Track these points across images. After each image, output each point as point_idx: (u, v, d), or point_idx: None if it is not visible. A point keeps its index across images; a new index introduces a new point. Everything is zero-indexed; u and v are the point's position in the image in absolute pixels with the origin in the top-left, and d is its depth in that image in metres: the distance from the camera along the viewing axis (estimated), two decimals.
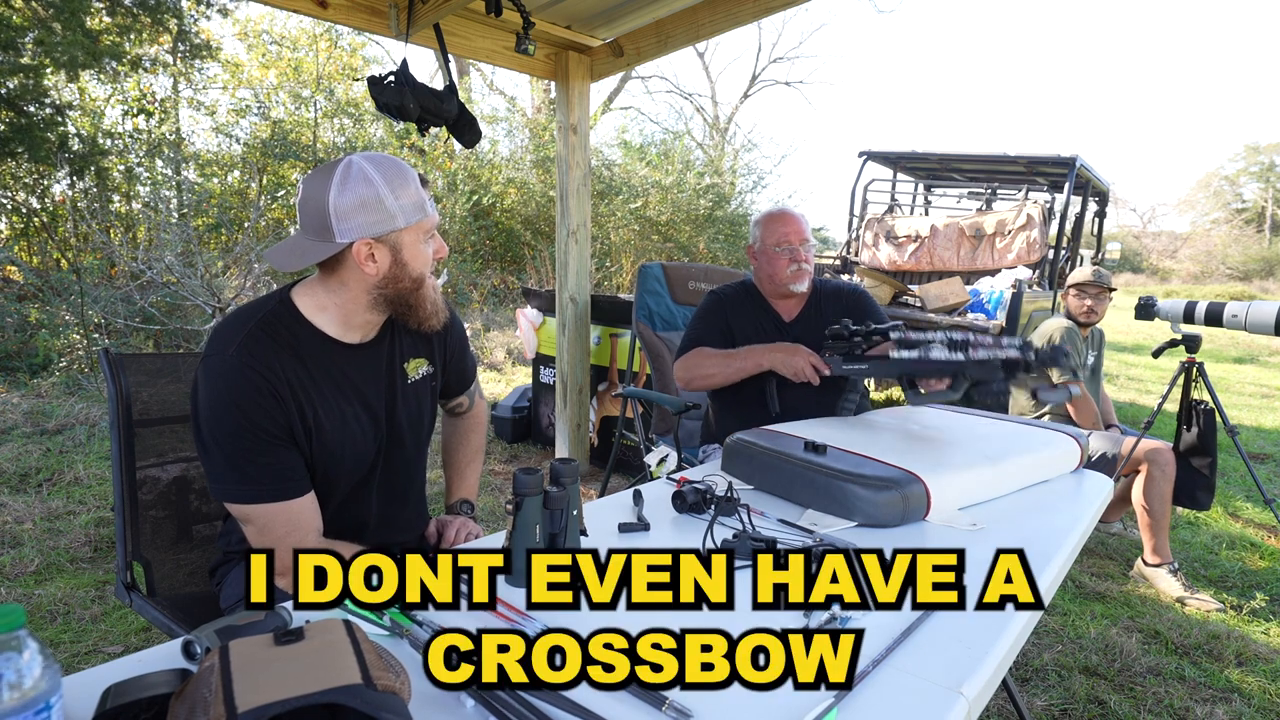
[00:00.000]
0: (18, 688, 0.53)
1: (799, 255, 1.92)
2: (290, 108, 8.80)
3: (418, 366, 1.25)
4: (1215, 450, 2.68)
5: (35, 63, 5.84)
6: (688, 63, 45.71)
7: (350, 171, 1.04)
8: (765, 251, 1.97)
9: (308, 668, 0.56)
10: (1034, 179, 6.17)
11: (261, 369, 1.04)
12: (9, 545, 2.59)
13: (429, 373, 1.28)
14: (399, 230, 1.06)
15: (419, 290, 1.12)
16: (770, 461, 1.31)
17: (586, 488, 3.42)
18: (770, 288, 2.00)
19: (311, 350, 1.10)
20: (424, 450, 1.32)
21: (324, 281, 1.11)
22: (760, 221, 2.02)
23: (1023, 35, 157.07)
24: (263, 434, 1.04)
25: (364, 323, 1.15)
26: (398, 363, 1.22)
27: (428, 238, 1.12)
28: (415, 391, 1.24)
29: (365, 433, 1.16)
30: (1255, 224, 33.57)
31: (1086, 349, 3.03)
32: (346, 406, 1.13)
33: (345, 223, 1.03)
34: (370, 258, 1.06)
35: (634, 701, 0.68)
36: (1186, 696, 1.91)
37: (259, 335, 1.06)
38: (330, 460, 1.13)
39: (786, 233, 1.94)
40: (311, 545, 1.08)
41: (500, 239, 10.18)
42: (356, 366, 1.15)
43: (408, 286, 1.11)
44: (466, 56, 3.31)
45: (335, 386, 1.12)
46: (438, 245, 1.15)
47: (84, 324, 5.20)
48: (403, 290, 1.11)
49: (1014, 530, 1.16)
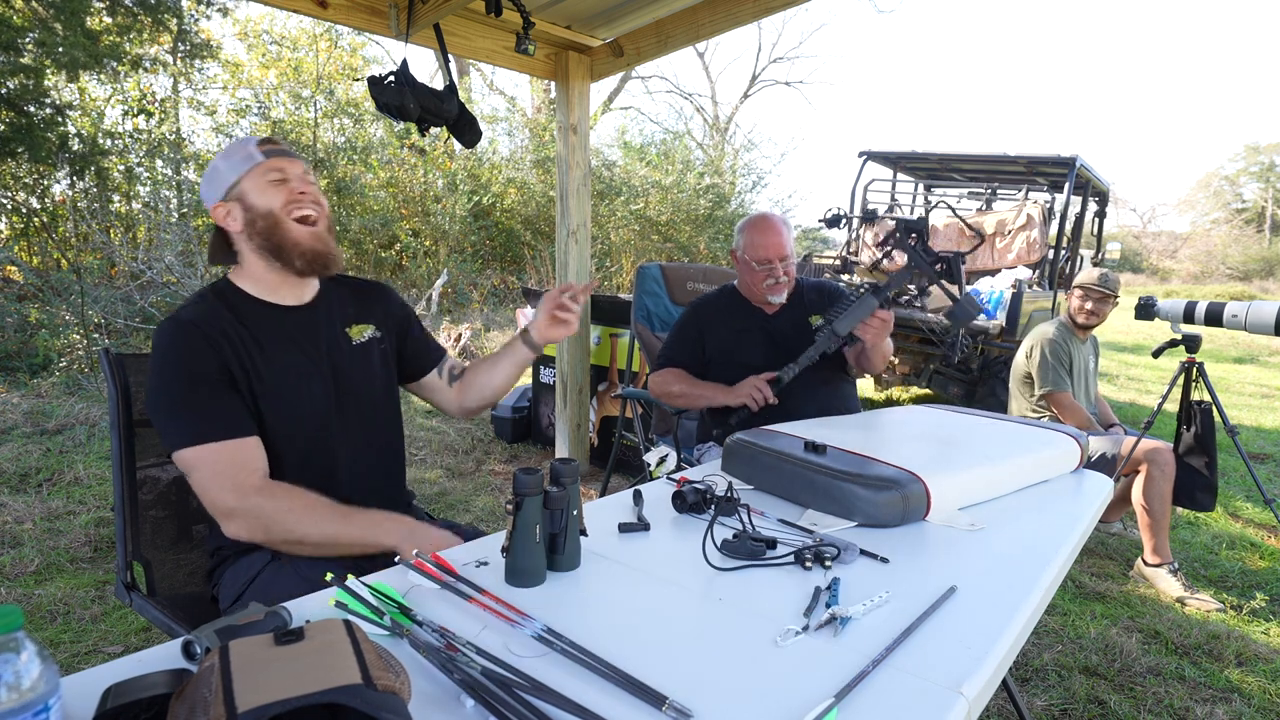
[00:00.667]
0: (16, 689, 0.53)
1: (776, 273, 1.97)
2: (290, 108, 8.80)
3: (361, 330, 1.34)
4: (1215, 450, 2.68)
5: (36, 63, 5.84)
6: (688, 63, 45.69)
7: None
8: (746, 263, 2.01)
9: (308, 668, 0.56)
10: (1034, 179, 6.17)
11: (200, 322, 1.15)
12: (9, 545, 2.59)
13: (376, 336, 1.35)
14: (234, 184, 1.19)
15: (279, 227, 1.19)
16: (770, 461, 1.30)
17: (586, 488, 3.42)
18: (748, 292, 2.08)
19: (251, 314, 1.21)
20: (384, 409, 1.36)
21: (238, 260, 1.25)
22: (743, 229, 2.04)
23: (1023, 35, 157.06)
24: (202, 379, 1.12)
25: (279, 282, 1.24)
26: (338, 325, 1.31)
27: (271, 180, 1.19)
28: (362, 352, 1.32)
29: (313, 384, 1.23)
30: (1255, 224, 33.56)
31: (1085, 352, 3.02)
32: (290, 360, 1.21)
33: (205, 200, 1.23)
34: (226, 217, 1.20)
35: (634, 701, 0.68)
36: (1186, 696, 1.91)
37: (201, 301, 1.19)
38: (284, 409, 1.19)
39: (767, 252, 1.96)
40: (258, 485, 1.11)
41: (500, 239, 10.18)
42: (294, 324, 1.25)
43: (264, 226, 1.19)
44: (466, 56, 3.31)
45: (278, 343, 1.21)
46: (293, 184, 1.21)
47: (84, 324, 5.20)
48: (263, 230, 1.19)
49: (1014, 530, 1.16)
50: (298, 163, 1.24)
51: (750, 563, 0.99)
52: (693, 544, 1.05)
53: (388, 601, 0.82)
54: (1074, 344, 2.95)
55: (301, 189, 1.21)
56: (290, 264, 1.21)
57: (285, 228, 1.19)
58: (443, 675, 0.70)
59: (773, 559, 1.00)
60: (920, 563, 1.01)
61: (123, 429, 1.30)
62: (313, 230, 1.22)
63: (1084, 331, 2.99)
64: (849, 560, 1.01)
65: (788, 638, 0.79)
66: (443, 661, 0.71)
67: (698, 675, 0.72)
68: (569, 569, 0.97)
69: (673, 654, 0.76)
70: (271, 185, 1.19)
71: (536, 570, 0.92)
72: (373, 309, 1.38)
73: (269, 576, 1.13)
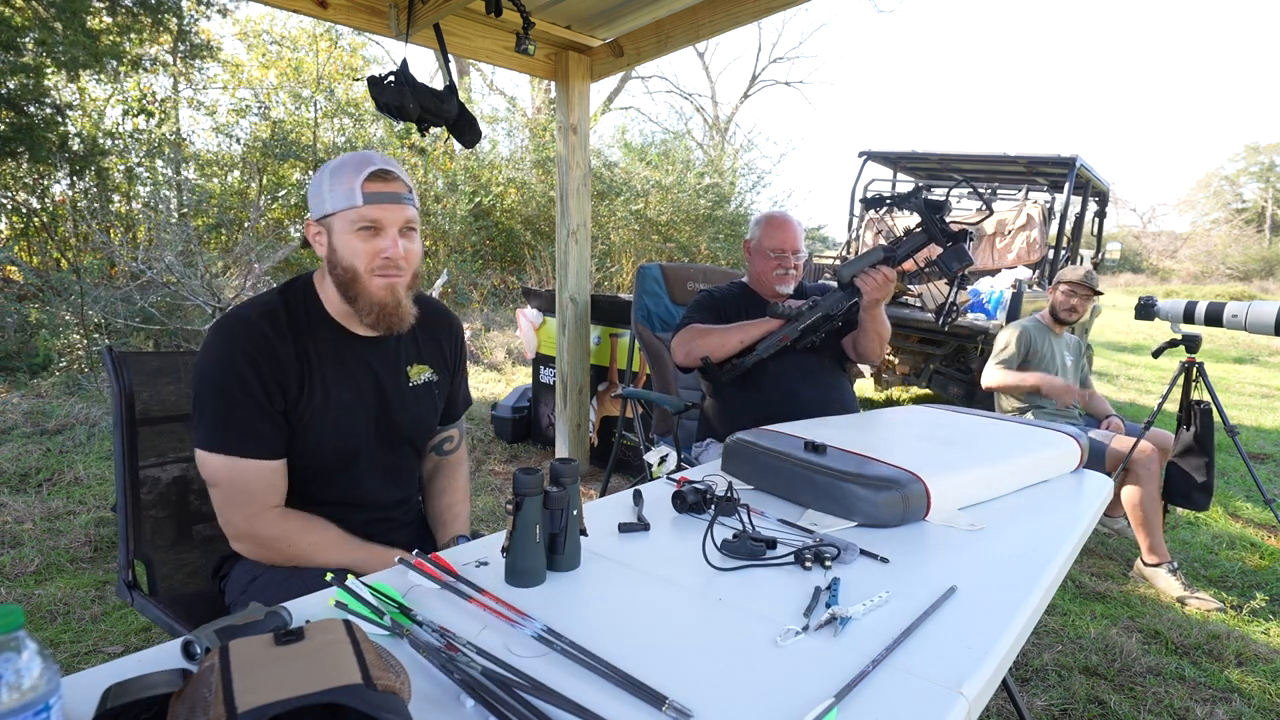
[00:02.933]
0: (17, 688, 0.53)
1: (788, 263, 2.07)
2: (290, 108, 8.80)
3: (420, 372, 1.28)
4: (1213, 450, 2.68)
5: (36, 63, 5.84)
6: (688, 63, 45.68)
7: (325, 167, 1.16)
8: (760, 252, 2.11)
9: (308, 668, 0.56)
10: (1034, 179, 6.17)
11: (270, 335, 1.11)
12: (9, 545, 2.59)
13: (433, 380, 1.30)
14: (329, 215, 1.13)
15: (355, 284, 1.14)
16: (770, 461, 1.30)
17: (586, 488, 3.42)
18: (757, 283, 2.15)
19: (319, 332, 1.17)
20: (419, 449, 1.35)
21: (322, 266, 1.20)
22: (760, 222, 2.14)
23: (1023, 35, 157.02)
24: (247, 388, 1.09)
25: (348, 312, 1.18)
26: (400, 364, 1.26)
27: (359, 229, 1.11)
28: (416, 395, 1.27)
29: (355, 422, 1.20)
30: (1255, 224, 33.56)
31: (1058, 348, 3.06)
32: (339, 393, 1.18)
33: (310, 205, 1.17)
34: (317, 237, 1.16)
35: (634, 701, 0.68)
36: (1186, 696, 1.91)
37: (277, 307, 1.15)
38: (318, 435, 1.16)
39: (782, 242, 2.07)
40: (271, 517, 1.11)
41: (500, 239, 10.18)
42: (354, 356, 1.20)
43: (342, 275, 1.14)
44: (466, 56, 3.31)
45: (332, 370, 1.17)
46: (383, 244, 1.12)
47: (84, 324, 5.19)
48: (340, 278, 1.15)
49: (1014, 530, 1.16)
50: (401, 209, 1.13)
51: (750, 563, 0.99)
52: (693, 544, 1.05)
53: (388, 601, 0.82)
54: (1050, 337, 3.08)
55: (389, 252, 1.12)
56: (359, 312, 1.16)
57: (363, 283, 1.13)
58: (443, 675, 0.70)
59: (773, 559, 1.00)
60: (920, 563, 1.01)
61: (125, 427, 1.30)
62: (390, 283, 1.14)
63: (1061, 326, 3.10)
64: (849, 560, 1.01)
65: (788, 638, 0.79)
66: (443, 661, 0.71)
67: (698, 675, 0.72)
68: (569, 569, 0.97)
69: (673, 654, 0.76)
70: (360, 236, 1.12)
71: (536, 570, 0.92)
72: (438, 347, 1.33)
73: (274, 575, 1.14)
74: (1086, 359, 3.25)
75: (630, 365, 3.25)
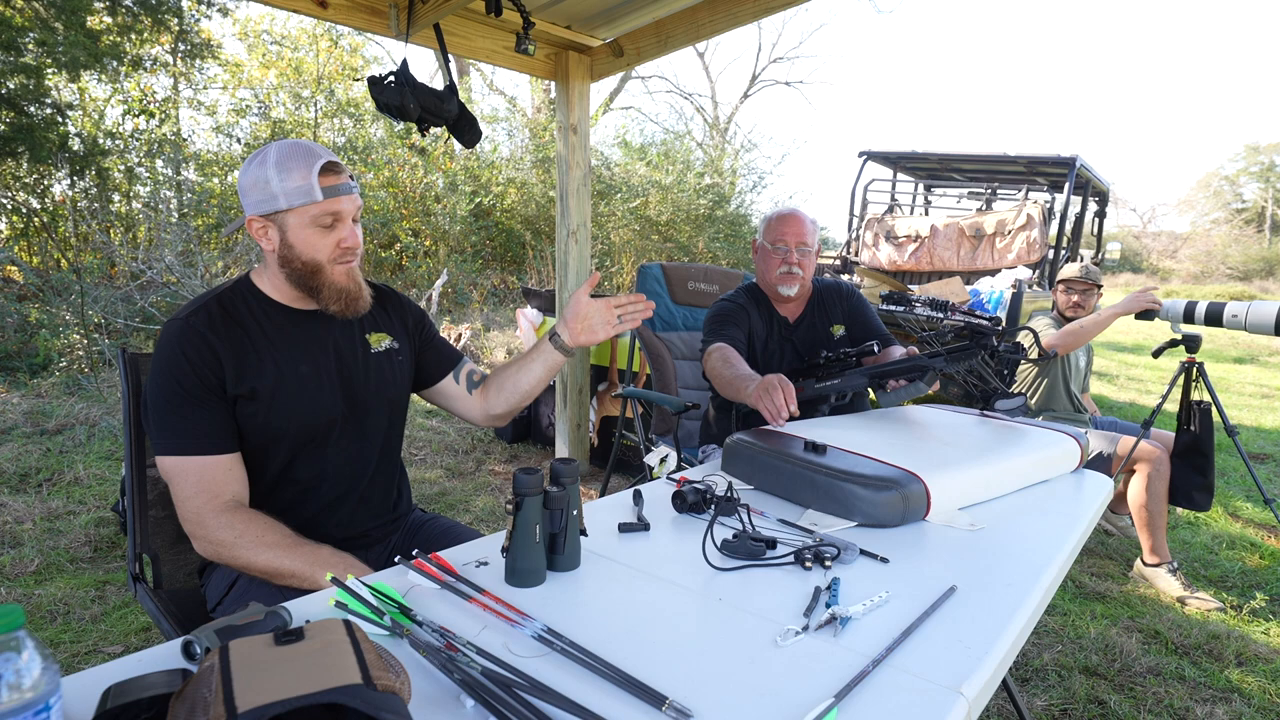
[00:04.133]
0: (17, 688, 0.53)
1: (791, 258, 1.96)
2: (290, 108, 8.80)
3: (380, 340, 1.31)
4: (1213, 450, 2.68)
5: (36, 63, 5.84)
6: (688, 63, 45.70)
7: (259, 155, 1.14)
8: (763, 248, 2.03)
9: (308, 668, 0.56)
10: (1034, 179, 6.18)
11: (203, 330, 1.12)
12: (9, 545, 2.59)
13: (394, 347, 1.33)
14: (282, 211, 1.13)
15: (317, 275, 1.16)
16: (770, 461, 1.30)
17: (586, 488, 3.42)
18: (763, 283, 2.06)
19: (264, 317, 1.19)
20: (392, 421, 1.34)
21: (262, 259, 1.22)
22: (767, 218, 2.07)
23: (1023, 35, 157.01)
24: (191, 389, 1.10)
25: (298, 296, 1.21)
26: (358, 332, 1.29)
27: (321, 225, 1.14)
28: (379, 362, 1.30)
29: (320, 394, 1.21)
30: (1255, 224, 33.54)
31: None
32: (297, 368, 1.19)
33: (244, 199, 1.15)
34: (263, 234, 1.16)
35: (634, 701, 0.68)
36: (1186, 696, 1.91)
37: (212, 306, 1.16)
38: (282, 415, 1.17)
39: (784, 232, 1.98)
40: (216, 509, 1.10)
41: (500, 239, 10.18)
42: (308, 330, 1.22)
43: (300, 268, 1.16)
44: (466, 56, 3.31)
45: (287, 348, 1.19)
46: (343, 234, 1.16)
47: (84, 324, 5.19)
48: (298, 271, 1.16)
49: (1014, 530, 1.16)
50: (353, 198, 1.17)
51: (750, 563, 0.99)
52: (693, 544, 1.05)
53: (388, 601, 0.82)
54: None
55: (349, 242, 1.16)
56: (322, 303, 1.19)
57: (325, 274, 1.17)
58: (443, 675, 0.70)
59: (773, 559, 1.00)
60: (920, 563, 1.01)
61: (134, 425, 1.31)
62: (349, 268, 1.19)
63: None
64: (849, 560, 1.01)
65: (788, 638, 0.79)
66: (443, 661, 0.71)
67: (698, 675, 0.72)
68: (569, 569, 0.97)
69: (673, 654, 0.76)
70: (320, 232, 1.15)
71: (536, 570, 0.92)
72: (390, 317, 1.35)
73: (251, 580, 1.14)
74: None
75: (630, 365, 3.25)
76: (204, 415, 1.11)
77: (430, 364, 1.41)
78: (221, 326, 1.14)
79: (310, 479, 1.22)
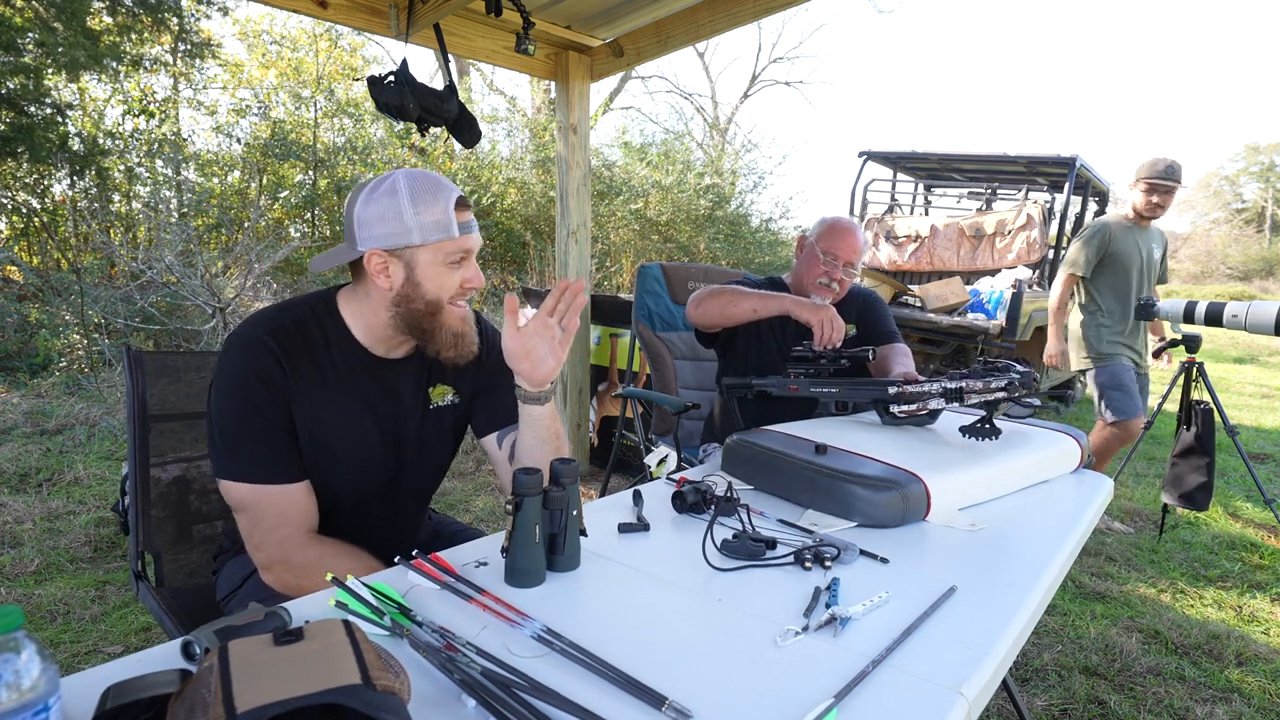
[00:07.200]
0: (16, 688, 0.53)
1: (835, 273, 1.92)
2: (290, 108, 8.79)
3: (443, 393, 1.23)
4: (1213, 450, 2.68)
5: (36, 63, 5.84)
6: (688, 63, 45.60)
7: (384, 184, 1.05)
8: (812, 251, 1.97)
9: (307, 668, 0.56)
10: (1034, 179, 6.17)
11: (278, 354, 1.05)
12: (9, 545, 2.59)
13: (453, 402, 1.25)
14: (414, 247, 1.05)
15: (435, 316, 1.09)
16: (770, 461, 1.30)
17: (586, 488, 3.42)
18: (796, 284, 2.01)
19: (340, 358, 1.11)
20: (439, 477, 1.31)
21: (355, 289, 1.13)
22: (825, 222, 2.00)
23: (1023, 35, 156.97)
24: (265, 412, 1.04)
25: (388, 338, 1.13)
26: (424, 386, 1.20)
27: (451, 261, 1.07)
28: (435, 419, 1.23)
29: (371, 446, 1.15)
30: (1255, 224, 33.56)
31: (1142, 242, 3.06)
32: (356, 419, 1.12)
33: (365, 231, 1.05)
34: (384, 270, 1.06)
35: (634, 702, 0.68)
36: (1186, 696, 1.91)
37: (289, 328, 1.08)
38: (330, 464, 1.12)
39: (840, 247, 1.92)
40: (301, 542, 1.06)
41: (500, 239, 10.17)
42: (377, 381, 1.14)
43: (420, 309, 1.08)
44: (466, 56, 3.31)
45: (351, 394, 1.12)
46: (469, 274, 1.09)
47: (84, 324, 5.19)
48: (416, 311, 1.08)
49: (1014, 530, 1.16)
50: (478, 235, 1.10)
51: (750, 563, 0.99)
52: (692, 544, 1.05)
53: (388, 602, 0.82)
54: (1134, 233, 3.05)
55: (476, 281, 1.09)
56: (434, 347, 1.10)
57: (444, 315, 1.09)
58: (443, 675, 0.70)
59: (772, 559, 1.00)
60: (920, 563, 1.01)
61: (138, 424, 1.30)
62: (464, 312, 1.11)
63: (1145, 222, 3.08)
64: (849, 560, 1.01)
65: (787, 638, 0.79)
66: (443, 662, 0.71)
67: (698, 675, 0.72)
68: (569, 569, 0.96)
69: (673, 654, 0.76)
70: (450, 269, 1.07)
71: (536, 570, 0.92)
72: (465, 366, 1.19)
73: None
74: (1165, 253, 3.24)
75: (630, 365, 3.25)
76: (280, 439, 1.05)
77: (479, 413, 1.28)
78: (292, 352, 1.06)
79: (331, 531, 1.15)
